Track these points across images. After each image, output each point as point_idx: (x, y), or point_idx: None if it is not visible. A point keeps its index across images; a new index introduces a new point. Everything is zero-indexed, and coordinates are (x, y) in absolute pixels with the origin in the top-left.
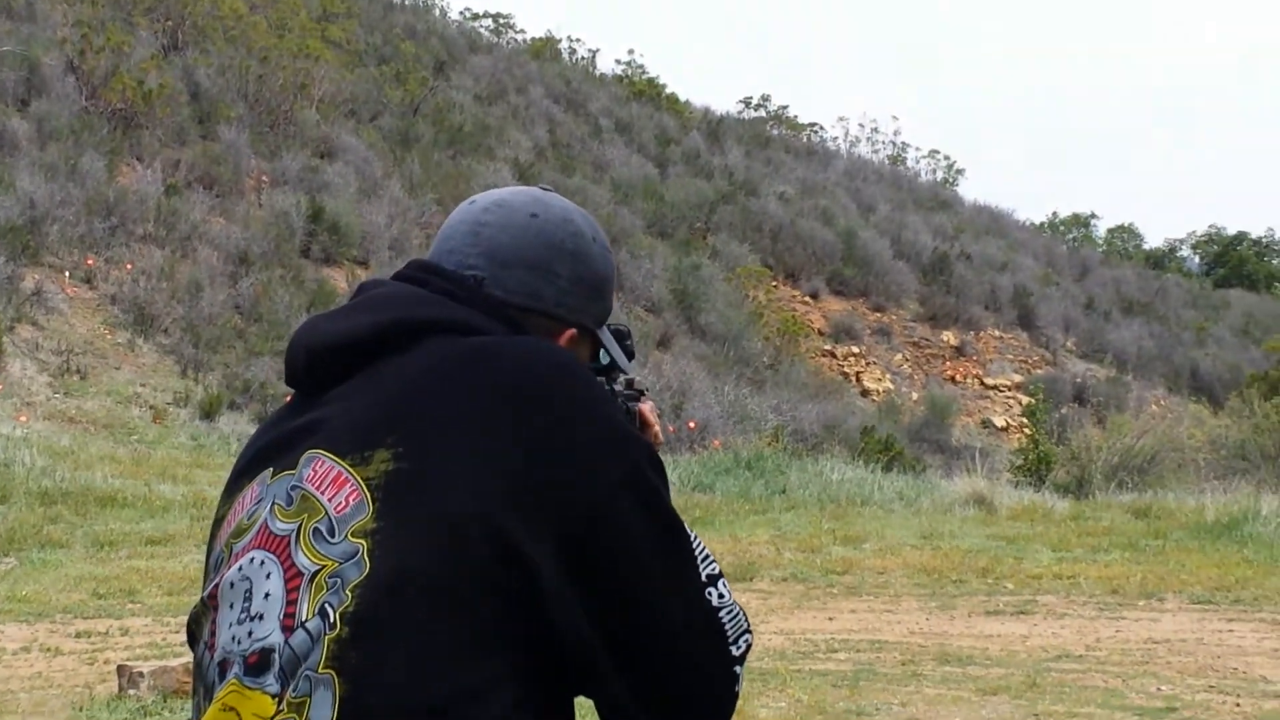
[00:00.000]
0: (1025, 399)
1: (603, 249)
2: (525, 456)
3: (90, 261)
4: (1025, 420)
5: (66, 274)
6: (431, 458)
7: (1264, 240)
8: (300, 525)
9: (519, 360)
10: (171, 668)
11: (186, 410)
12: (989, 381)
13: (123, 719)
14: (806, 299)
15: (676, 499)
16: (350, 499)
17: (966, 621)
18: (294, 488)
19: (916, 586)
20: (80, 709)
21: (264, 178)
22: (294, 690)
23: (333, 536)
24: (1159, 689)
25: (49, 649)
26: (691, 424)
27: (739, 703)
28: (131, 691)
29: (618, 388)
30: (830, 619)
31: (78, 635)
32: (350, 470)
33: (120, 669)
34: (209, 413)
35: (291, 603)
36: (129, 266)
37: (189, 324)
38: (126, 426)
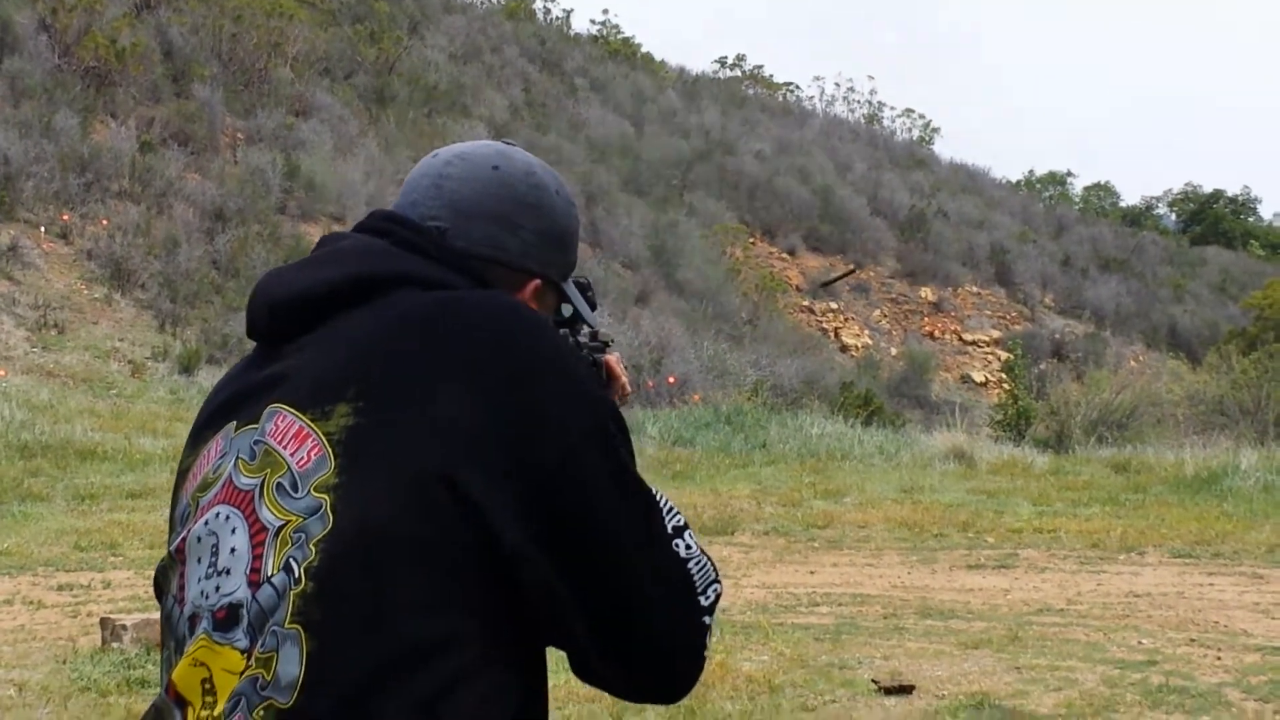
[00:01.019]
0: (1004, 355)
1: (566, 201)
2: (486, 411)
3: (66, 217)
4: (1004, 375)
5: (42, 229)
6: (392, 412)
7: (1240, 198)
8: (264, 480)
9: (482, 314)
10: (154, 620)
11: (165, 364)
12: (967, 337)
13: (106, 671)
14: (784, 255)
15: (657, 453)
16: (312, 454)
17: (948, 575)
18: (257, 442)
19: (897, 540)
20: (64, 661)
21: (238, 135)
22: (262, 645)
23: (296, 491)
24: (1140, 642)
25: (31, 602)
26: (671, 379)
27: (722, 655)
28: (115, 644)
29: (582, 339)
30: (811, 572)
31: (60, 588)
32: (311, 425)
33: (103, 621)
34: (187, 367)
35: (257, 558)
36: (105, 222)
37: (166, 279)
38: (105, 380)
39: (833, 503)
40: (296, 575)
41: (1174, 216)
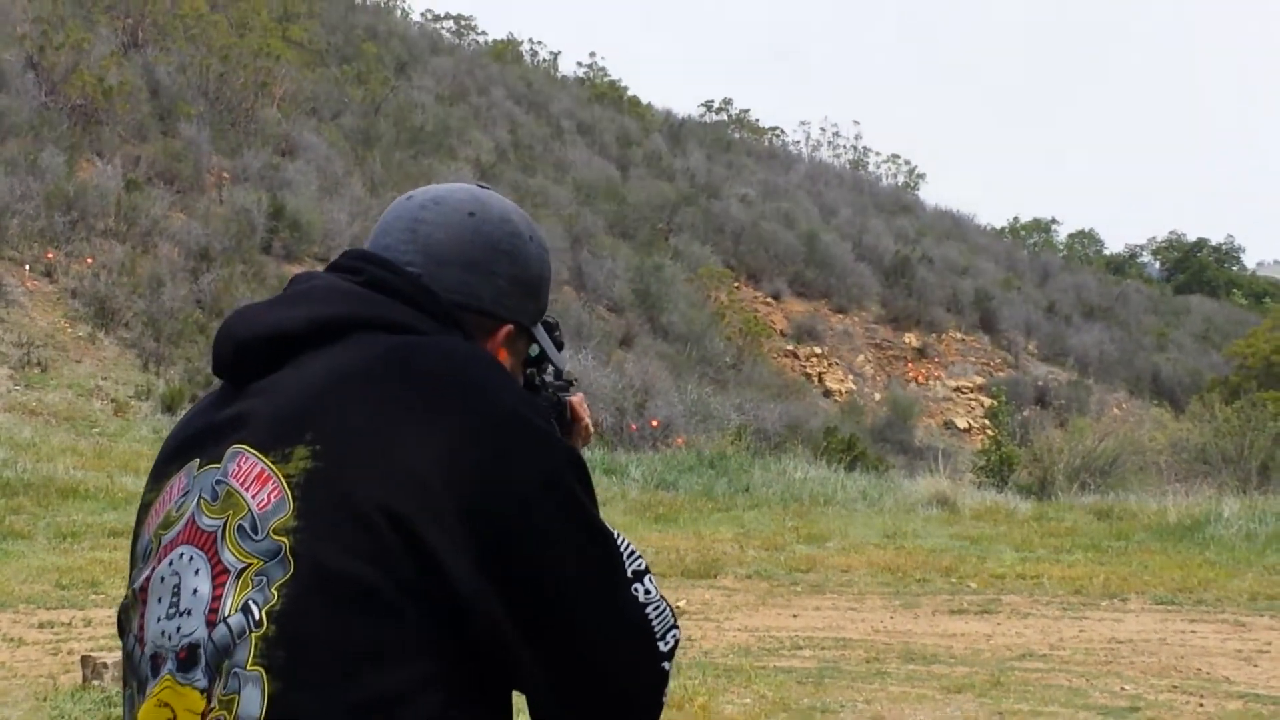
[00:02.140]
0: (987, 401)
1: (539, 248)
2: (442, 459)
3: (50, 255)
4: (988, 422)
5: (27, 267)
6: (348, 457)
7: (1223, 247)
8: (226, 521)
9: (439, 361)
10: None
11: (148, 403)
12: (951, 383)
13: (86, 709)
14: (768, 300)
15: (640, 496)
16: (272, 496)
17: (930, 620)
18: (219, 482)
19: (880, 585)
20: (44, 699)
21: (224, 174)
22: (224, 687)
23: (256, 534)
24: (1122, 689)
25: (12, 639)
26: (654, 422)
27: (704, 698)
28: (95, 682)
29: (547, 378)
30: (794, 616)
31: (41, 626)
32: (272, 467)
33: (84, 659)
34: (170, 406)
35: (217, 599)
36: (89, 261)
37: (150, 318)
38: (88, 419)
39: (816, 547)
40: (258, 618)
41: (1158, 264)
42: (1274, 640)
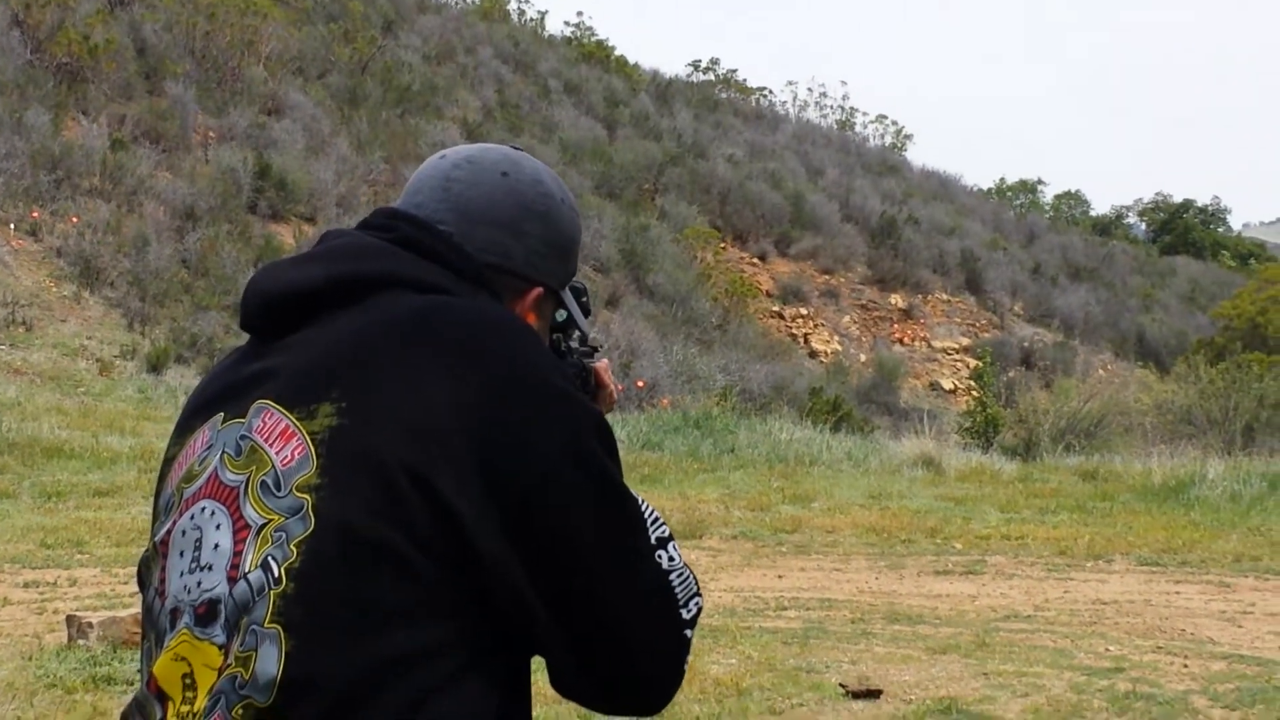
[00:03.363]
0: (973, 362)
1: (571, 210)
2: (466, 422)
3: (35, 214)
4: (973, 383)
5: (11, 226)
6: (373, 415)
7: (1209, 208)
8: (249, 477)
9: (466, 321)
10: (120, 618)
11: (133, 363)
12: (936, 344)
13: (72, 668)
14: (755, 260)
15: (626, 457)
16: (296, 453)
17: (915, 581)
18: (243, 438)
19: (866, 546)
20: (29, 659)
21: (210, 133)
22: (241, 644)
23: (279, 490)
24: (1107, 649)
25: None
26: (640, 383)
27: (689, 658)
28: (81, 642)
29: (573, 344)
30: (780, 577)
31: (26, 585)
32: (297, 424)
33: (69, 619)
34: (156, 366)
35: (238, 554)
36: (75, 220)
37: (135, 277)
38: (73, 379)
39: (801, 508)
40: (276, 575)
41: (1144, 226)
42: (1258, 601)
